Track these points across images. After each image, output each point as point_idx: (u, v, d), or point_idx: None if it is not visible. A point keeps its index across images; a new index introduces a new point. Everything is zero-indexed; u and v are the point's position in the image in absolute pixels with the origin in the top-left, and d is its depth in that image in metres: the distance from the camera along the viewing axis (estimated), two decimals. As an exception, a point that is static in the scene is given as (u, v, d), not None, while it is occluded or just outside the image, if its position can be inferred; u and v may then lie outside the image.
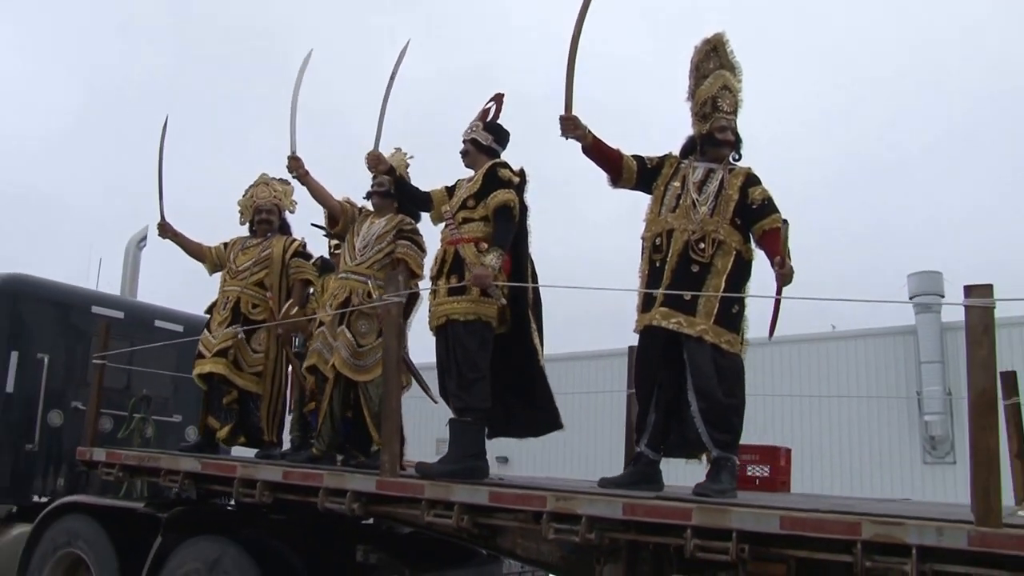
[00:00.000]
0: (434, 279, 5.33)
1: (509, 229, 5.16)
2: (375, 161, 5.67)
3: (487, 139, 5.48)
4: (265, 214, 6.98)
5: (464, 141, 5.51)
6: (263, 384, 6.67)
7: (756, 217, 4.71)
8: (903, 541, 3.28)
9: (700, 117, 4.96)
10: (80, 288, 8.92)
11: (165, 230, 7.06)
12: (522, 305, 5.27)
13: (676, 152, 5.10)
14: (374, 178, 6.06)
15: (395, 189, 5.88)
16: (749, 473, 7.04)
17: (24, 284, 8.22)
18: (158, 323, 9.04)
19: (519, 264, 5.29)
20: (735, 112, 4.96)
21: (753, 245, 4.76)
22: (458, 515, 4.42)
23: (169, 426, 8.92)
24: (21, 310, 8.09)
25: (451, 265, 5.21)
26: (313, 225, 6.89)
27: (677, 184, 4.89)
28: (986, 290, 3.34)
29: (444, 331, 5.18)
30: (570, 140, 4.85)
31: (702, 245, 4.68)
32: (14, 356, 7.91)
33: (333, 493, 4.96)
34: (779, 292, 4.41)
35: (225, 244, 7.09)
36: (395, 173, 5.83)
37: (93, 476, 7.34)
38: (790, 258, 4.48)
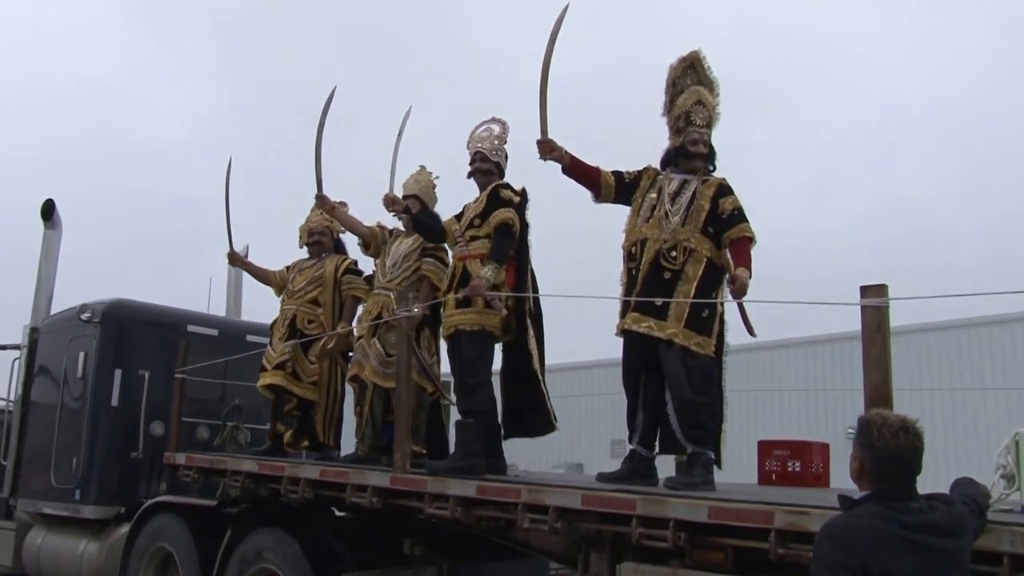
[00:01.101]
0: (445, 292, 5.82)
1: (507, 245, 5.59)
2: (390, 203, 6.26)
3: (496, 156, 5.94)
4: (317, 236, 7.60)
5: (480, 160, 5.94)
6: (319, 392, 7.25)
7: (725, 226, 4.95)
8: (808, 529, 3.49)
9: (675, 131, 5.24)
10: (177, 309, 9.75)
11: (234, 259, 7.84)
12: (522, 315, 5.69)
13: (656, 165, 5.40)
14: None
15: (413, 227, 6.36)
16: (789, 469, 7.16)
17: (126, 308, 9.09)
18: (250, 338, 9.76)
19: (521, 276, 5.72)
20: (709, 125, 5.23)
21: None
22: (453, 507, 4.86)
23: (263, 433, 9.65)
24: (124, 332, 8.95)
25: (459, 279, 5.68)
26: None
27: (653, 195, 5.18)
28: (880, 290, 3.56)
29: (453, 340, 5.65)
30: (549, 162, 5.20)
31: (673, 253, 4.95)
32: (118, 374, 8.77)
33: (358, 488, 5.48)
34: (737, 299, 4.66)
35: (288, 267, 7.74)
36: (411, 212, 6.33)
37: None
38: (749, 269, 4.72)
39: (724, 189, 5.07)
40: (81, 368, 8.79)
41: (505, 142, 5.97)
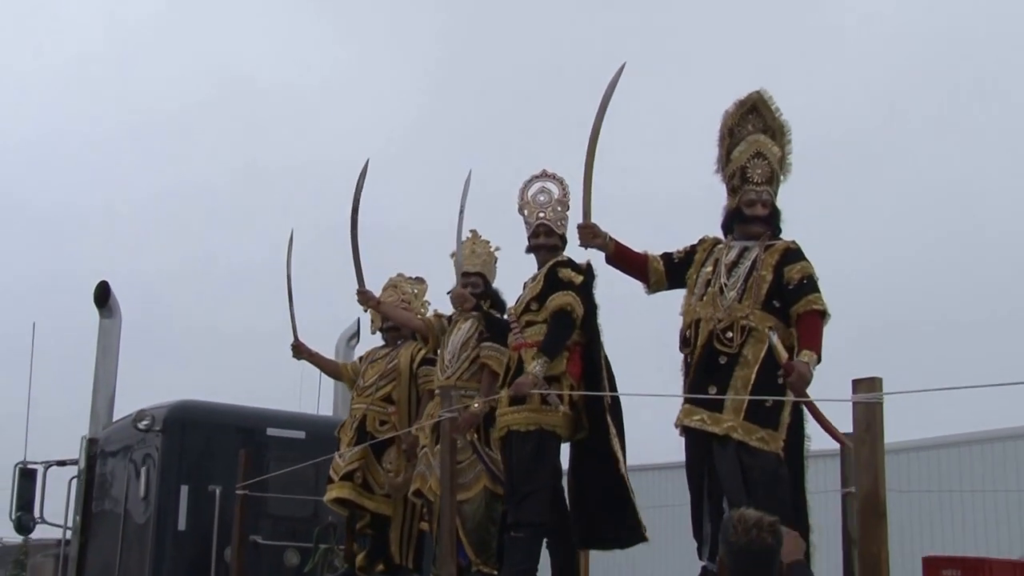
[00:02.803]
0: (501, 386, 6.71)
1: (562, 335, 6.43)
2: (461, 300, 7.21)
3: (561, 228, 6.82)
4: (392, 321, 8.64)
5: (545, 235, 6.81)
6: (394, 505, 8.26)
7: (792, 299, 5.53)
8: None
9: (730, 190, 5.92)
10: (255, 409, 11.01)
11: (300, 351, 8.95)
12: (599, 409, 6.49)
13: (714, 232, 6.11)
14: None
15: (486, 328, 7.27)
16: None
17: (192, 412, 10.45)
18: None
19: (592, 366, 6.56)
20: (771, 182, 5.86)
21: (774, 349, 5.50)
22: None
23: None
24: (190, 440, 10.25)
25: (514, 372, 6.56)
26: None
27: (709, 269, 5.83)
28: (871, 384, 4.16)
29: (505, 442, 6.57)
30: (590, 249, 6.06)
31: (729, 334, 5.57)
32: (184, 491, 10.03)
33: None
34: (797, 396, 5.25)
35: (360, 358, 8.87)
36: (483, 309, 7.28)
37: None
38: (818, 353, 5.28)
39: (791, 254, 5.65)
40: (143, 486, 10.08)
41: (568, 207, 6.82)
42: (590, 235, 5.95)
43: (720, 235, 6.10)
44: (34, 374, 13.09)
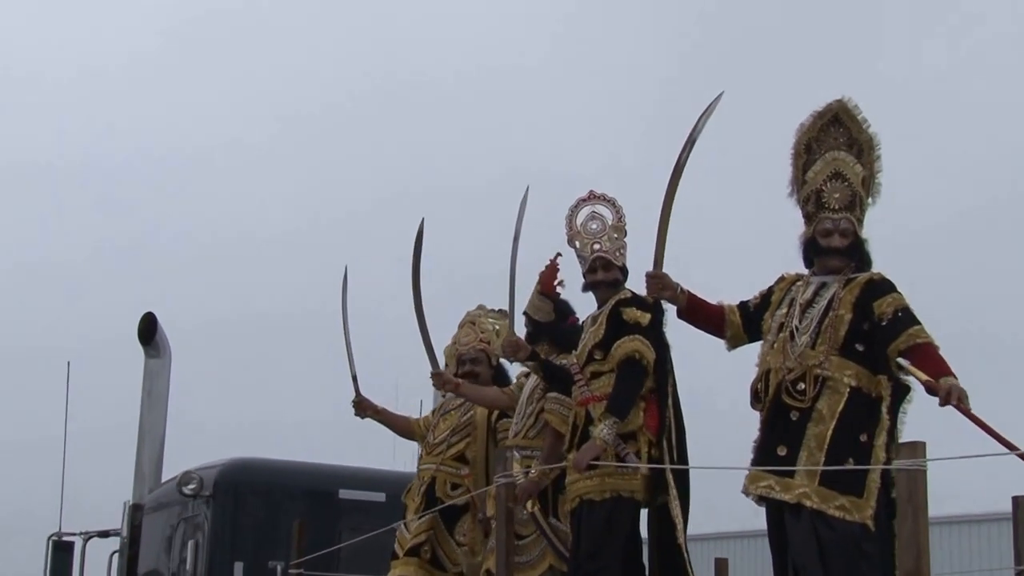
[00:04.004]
0: (566, 451, 6.92)
1: (632, 388, 6.63)
2: (514, 349, 7.36)
3: (620, 258, 7.05)
4: (469, 364, 8.79)
5: (603, 269, 7.02)
6: (470, 585, 8.52)
7: (887, 337, 5.64)
8: None
9: (805, 217, 6.08)
10: (323, 467, 11.36)
11: (363, 408, 9.20)
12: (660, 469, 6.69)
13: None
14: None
15: (543, 379, 7.48)
16: None
17: (247, 472, 10.86)
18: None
19: (666, 416, 6.77)
20: (852, 207, 5.99)
21: (898, 375, 5.67)
22: None
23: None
24: (245, 507, 10.66)
25: (582, 432, 6.77)
26: None
27: (784, 311, 6.02)
28: (915, 448, 4.39)
29: (575, 514, 6.77)
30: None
31: (800, 385, 5.74)
32: (239, 568, 10.39)
33: None
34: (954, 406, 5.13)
35: (434, 411, 9.16)
36: (539, 357, 7.47)
37: None
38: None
39: (877, 287, 5.78)
40: (191, 563, 10.43)
41: (625, 232, 7.04)
42: (659, 286, 6.18)
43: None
44: (69, 423, 13.50)
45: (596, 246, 7.02)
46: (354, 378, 9.26)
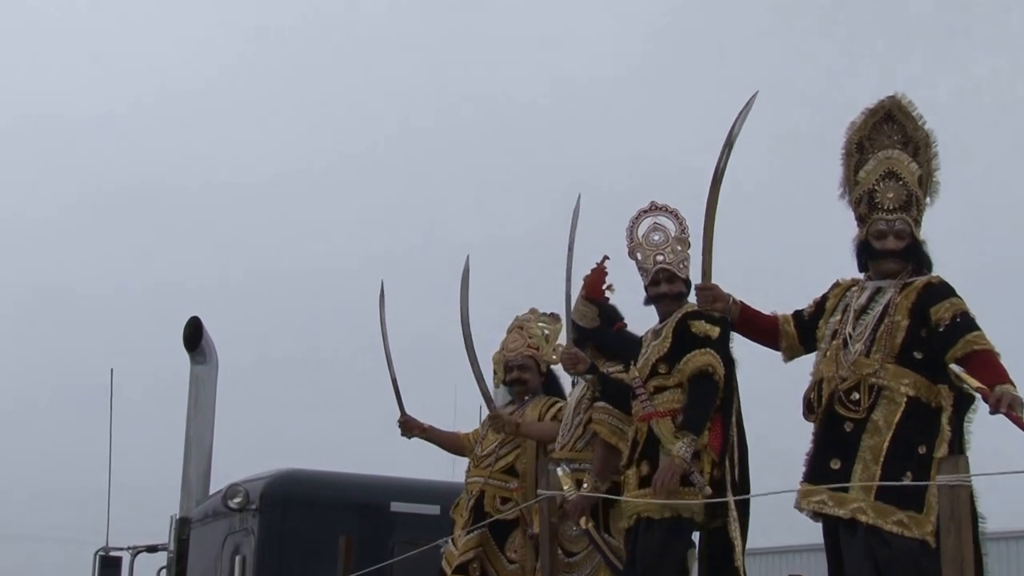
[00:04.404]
0: (624, 467, 6.70)
1: (707, 404, 6.42)
2: (573, 361, 7.16)
3: (684, 270, 6.82)
4: (517, 371, 8.60)
5: (667, 281, 6.81)
6: (522, 603, 8.22)
7: (945, 343, 5.44)
8: None
9: (858, 219, 5.88)
10: (375, 478, 11.10)
11: (409, 428, 9.03)
12: (721, 487, 6.45)
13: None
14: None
15: (601, 395, 7.24)
16: None
17: (296, 484, 10.62)
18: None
19: (728, 436, 6.54)
20: (907, 207, 5.78)
21: (955, 384, 5.43)
22: None
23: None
24: (294, 520, 10.39)
25: (643, 447, 6.56)
26: None
27: (838, 317, 5.81)
28: (956, 463, 4.32)
29: (631, 532, 6.54)
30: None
31: (855, 395, 5.54)
32: None
33: None
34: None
35: (483, 422, 8.84)
36: (597, 370, 7.26)
37: None
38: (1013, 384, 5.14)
39: (934, 291, 5.58)
40: None
41: (689, 244, 6.82)
42: (710, 298, 6.04)
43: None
44: (114, 432, 13.37)
45: (659, 258, 6.86)
46: (398, 397, 9.07)
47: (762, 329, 6.19)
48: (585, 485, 6.91)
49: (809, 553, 26.43)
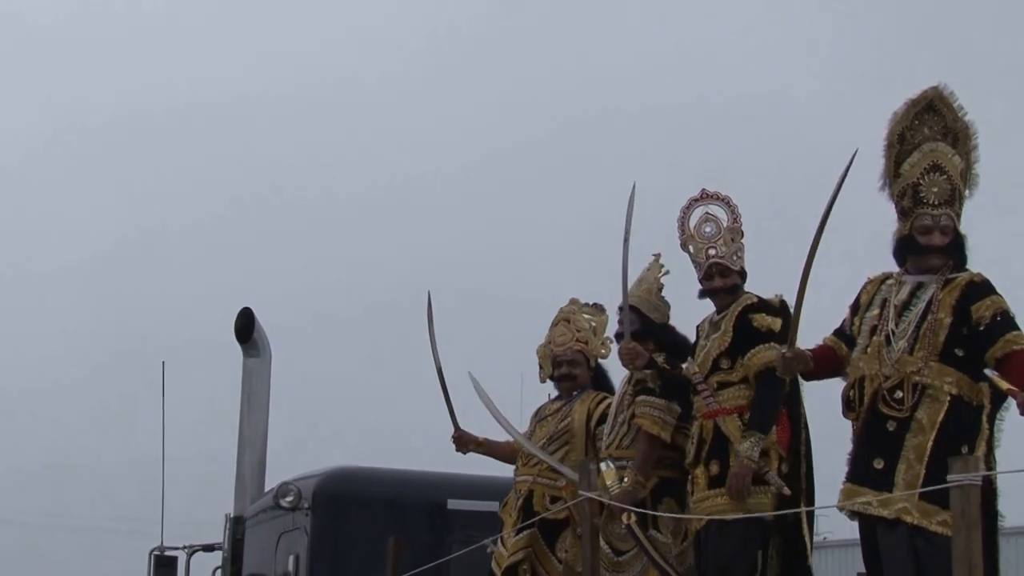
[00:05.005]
0: (691, 465, 6.59)
1: (774, 402, 6.31)
2: (632, 356, 6.99)
3: (738, 262, 6.70)
4: (566, 366, 8.41)
5: (720, 275, 6.71)
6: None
7: (985, 342, 5.35)
8: None
9: (900, 213, 5.75)
10: (430, 475, 10.93)
11: (464, 442, 8.85)
12: (795, 488, 6.33)
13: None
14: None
15: (661, 390, 7.06)
16: None
17: (349, 482, 10.50)
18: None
19: (797, 431, 6.46)
20: (951, 202, 5.66)
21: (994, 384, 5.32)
22: None
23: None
24: (348, 519, 10.28)
25: (711, 446, 6.46)
26: None
27: (875, 312, 5.70)
28: (967, 463, 4.27)
29: (701, 534, 6.44)
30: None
31: (898, 394, 5.44)
32: None
33: None
34: None
35: (532, 418, 8.73)
36: (656, 365, 7.07)
37: None
38: None
39: (976, 289, 5.48)
40: None
41: (742, 234, 6.71)
42: (794, 364, 5.92)
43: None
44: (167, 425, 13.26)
45: (711, 251, 6.76)
46: (451, 412, 8.90)
47: (827, 365, 6.07)
48: (625, 480, 6.83)
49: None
